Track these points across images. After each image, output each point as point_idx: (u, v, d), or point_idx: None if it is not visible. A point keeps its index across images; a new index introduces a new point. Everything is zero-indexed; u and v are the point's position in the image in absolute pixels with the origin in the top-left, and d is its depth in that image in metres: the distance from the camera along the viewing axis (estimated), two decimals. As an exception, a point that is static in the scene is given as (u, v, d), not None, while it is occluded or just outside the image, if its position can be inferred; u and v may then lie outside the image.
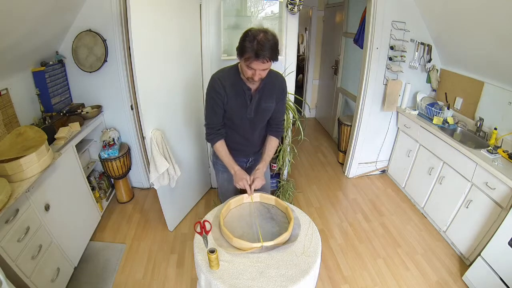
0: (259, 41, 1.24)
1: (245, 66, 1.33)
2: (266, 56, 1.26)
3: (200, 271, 1.21)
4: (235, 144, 1.66)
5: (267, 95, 1.53)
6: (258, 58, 1.26)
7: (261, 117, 1.59)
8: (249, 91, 1.49)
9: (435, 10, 2.47)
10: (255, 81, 1.38)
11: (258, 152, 1.77)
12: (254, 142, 1.71)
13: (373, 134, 3.20)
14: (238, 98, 1.49)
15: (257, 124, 1.61)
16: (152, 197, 2.96)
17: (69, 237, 2.01)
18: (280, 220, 1.42)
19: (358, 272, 2.17)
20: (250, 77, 1.36)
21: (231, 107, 1.51)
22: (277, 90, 1.56)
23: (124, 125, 2.76)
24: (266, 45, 1.24)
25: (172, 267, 2.18)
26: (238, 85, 1.47)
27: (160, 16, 1.97)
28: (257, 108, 1.53)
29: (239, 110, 1.52)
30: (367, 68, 2.86)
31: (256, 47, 1.24)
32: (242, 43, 1.29)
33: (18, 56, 1.98)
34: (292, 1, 2.33)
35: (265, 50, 1.24)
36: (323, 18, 4.63)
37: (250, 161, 1.79)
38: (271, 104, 1.56)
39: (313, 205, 2.92)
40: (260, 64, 1.29)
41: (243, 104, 1.51)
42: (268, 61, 1.29)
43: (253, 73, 1.33)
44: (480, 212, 2.06)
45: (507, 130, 2.19)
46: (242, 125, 1.59)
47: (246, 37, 1.28)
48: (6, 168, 1.53)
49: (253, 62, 1.28)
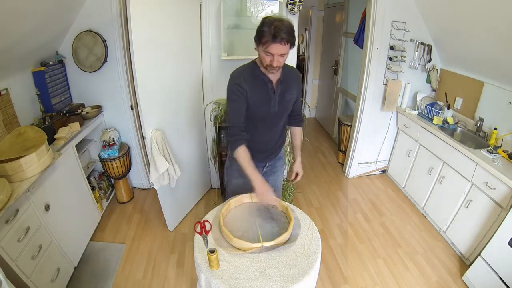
0: (276, 26, 1.26)
1: (263, 52, 1.33)
2: (284, 38, 1.27)
3: (200, 271, 1.21)
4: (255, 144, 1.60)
5: (289, 86, 1.52)
6: (275, 40, 1.26)
7: (284, 111, 1.58)
8: (270, 83, 1.46)
9: (435, 10, 2.47)
10: (274, 68, 1.36)
11: (275, 155, 1.75)
12: (274, 141, 1.68)
13: (373, 134, 3.20)
14: (261, 92, 1.46)
15: (279, 118, 1.58)
16: (152, 197, 2.96)
17: (69, 237, 2.01)
18: (280, 220, 1.42)
19: (358, 272, 2.17)
20: (269, 64, 1.35)
21: (253, 100, 1.46)
22: (296, 81, 1.58)
23: (124, 125, 2.76)
24: (283, 29, 1.26)
25: (172, 267, 2.18)
26: (259, 78, 1.45)
27: (160, 16, 1.97)
28: (281, 100, 1.51)
29: (262, 105, 1.48)
30: (367, 68, 2.86)
31: (273, 31, 1.25)
32: (260, 29, 1.30)
33: (18, 56, 1.98)
34: (292, 1, 2.33)
35: (282, 33, 1.26)
36: (323, 18, 4.63)
37: (266, 166, 1.76)
38: (293, 96, 1.57)
39: (313, 205, 2.92)
40: (278, 46, 1.28)
41: (267, 97, 1.47)
42: (285, 44, 1.29)
43: (272, 59, 1.33)
44: (480, 212, 2.06)
45: (507, 130, 2.19)
46: (264, 123, 1.56)
47: (264, 23, 1.29)
48: (6, 168, 1.53)
49: (271, 45, 1.28)
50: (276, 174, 1.82)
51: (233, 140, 1.49)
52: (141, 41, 1.80)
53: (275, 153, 1.74)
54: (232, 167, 1.70)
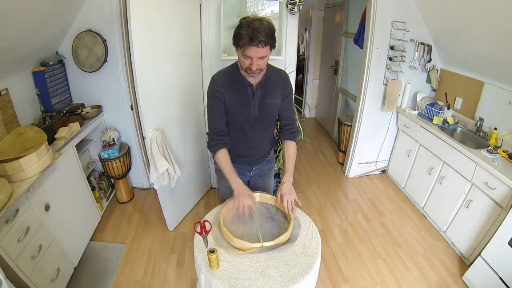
0: (253, 27, 1.19)
1: (242, 56, 1.27)
2: (262, 40, 1.19)
3: (200, 271, 1.21)
4: (238, 149, 1.57)
5: (271, 90, 1.45)
6: (252, 42, 1.19)
7: (266, 116, 1.50)
8: (250, 86, 1.40)
9: (435, 10, 2.47)
10: (253, 71, 1.29)
11: (263, 159, 1.68)
12: (259, 146, 1.61)
13: (373, 134, 3.20)
14: (239, 95, 1.41)
15: (262, 124, 1.52)
16: (152, 197, 2.96)
17: (69, 237, 2.01)
18: (280, 220, 1.42)
19: (358, 272, 2.17)
20: (248, 67, 1.28)
21: (231, 105, 1.43)
22: (281, 85, 1.48)
23: (124, 125, 2.76)
24: (261, 30, 1.19)
25: (172, 267, 2.18)
26: (238, 81, 1.40)
27: (160, 16, 1.97)
28: (262, 104, 1.44)
29: (241, 109, 1.43)
30: (367, 68, 2.86)
31: (250, 33, 1.19)
32: (237, 31, 1.24)
33: (18, 56, 1.98)
34: (292, 1, 2.33)
35: (260, 35, 1.19)
36: (323, 18, 4.63)
37: (253, 169, 1.70)
38: (276, 100, 1.48)
39: (313, 205, 2.92)
40: (255, 49, 1.21)
41: (245, 101, 1.42)
42: (264, 46, 1.22)
43: (251, 62, 1.26)
44: (480, 212, 2.06)
45: (507, 130, 2.19)
46: (245, 127, 1.50)
47: (241, 25, 1.23)
48: (6, 168, 1.53)
49: (248, 48, 1.22)
50: (265, 177, 1.77)
51: (212, 145, 1.48)
52: (141, 41, 1.80)
53: (263, 158, 1.67)
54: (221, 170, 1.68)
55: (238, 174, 1.66)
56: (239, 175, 1.67)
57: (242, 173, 1.69)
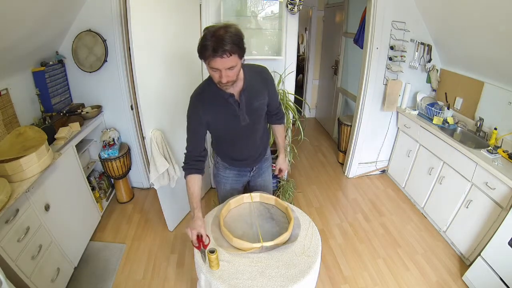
0: (217, 36, 1.09)
1: (209, 69, 1.18)
2: (227, 50, 1.09)
3: (200, 271, 1.21)
4: (234, 155, 1.59)
5: (255, 92, 1.37)
6: (216, 54, 1.09)
7: (257, 118, 1.45)
8: (232, 97, 1.31)
9: (435, 10, 2.47)
10: (224, 84, 1.19)
11: (261, 158, 1.68)
12: (255, 148, 1.60)
13: (373, 134, 3.20)
14: (224, 110, 1.34)
15: (254, 127, 1.47)
16: (152, 197, 2.96)
17: (69, 237, 2.01)
18: (280, 220, 1.42)
19: (358, 272, 2.17)
20: (218, 81, 1.19)
21: (219, 122, 1.36)
22: (263, 83, 1.41)
23: (124, 125, 2.76)
24: (226, 39, 1.09)
25: (172, 267, 2.18)
26: (218, 96, 1.31)
27: (160, 16, 1.97)
28: (250, 110, 1.37)
29: (229, 123, 1.37)
30: (367, 68, 2.86)
31: (214, 43, 1.08)
32: (200, 43, 1.13)
33: (18, 56, 1.98)
34: (292, 1, 2.33)
35: (224, 44, 1.08)
36: (323, 18, 4.63)
37: (254, 169, 1.70)
38: (263, 100, 1.43)
39: (313, 205, 2.92)
40: (221, 60, 1.11)
41: (232, 113, 1.35)
42: (229, 56, 1.11)
43: (220, 74, 1.16)
44: (480, 212, 2.06)
45: (507, 130, 2.19)
46: (238, 137, 1.47)
47: (205, 36, 1.12)
48: (6, 168, 1.53)
49: (213, 60, 1.12)
50: (264, 175, 1.77)
51: (185, 167, 1.42)
52: (141, 41, 1.80)
53: (260, 156, 1.67)
54: (219, 174, 1.69)
55: (239, 176, 1.69)
56: (240, 177, 1.69)
57: (242, 175, 1.70)
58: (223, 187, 1.70)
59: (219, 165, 1.68)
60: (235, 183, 1.70)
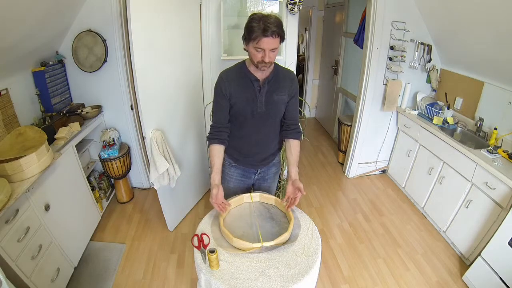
0: (264, 20, 1.25)
1: (254, 49, 1.30)
2: (275, 31, 1.25)
3: (200, 271, 1.21)
4: (242, 148, 1.58)
5: (278, 86, 1.46)
6: (266, 34, 1.24)
7: (273, 112, 1.49)
8: (257, 81, 1.42)
9: (435, 10, 2.47)
10: (266, 64, 1.32)
11: (269, 161, 1.67)
12: (264, 144, 1.59)
13: (373, 134, 3.20)
14: (245, 90, 1.43)
15: (267, 120, 1.50)
16: (152, 197, 2.96)
17: (69, 237, 2.01)
18: (280, 220, 1.42)
19: (358, 272, 2.17)
20: (260, 60, 1.32)
21: (237, 100, 1.43)
22: (288, 82, 1.50)
23: (124, 125, 2.76)
24: (272, 22, 1.25)
25: (172, 267, 2.18)
26: (245, 76, 1.42)
27: (160, 16, 1.97)
28: (268, 100, 1.45)
29: (247, 104, 1.44)
30: (367, 68, 2.86)
31: (263, 25, 1.24)
32: (249, 25, 1.28)
33: (18, 56, 1.98)
34: (292, 1, 2.33)
35: (272, 26, 1.24)
36: (323, 18, 4.63)
37: (259, 172, 1.69)
38: (284, 97, 1.48)
39: (313, 205, 2.92)
40: (269, 40, 1.26)
41: (251, 96, 1.43)
42: (276, 37, 1.27)
43: (263, 54, 1.30)
44: (480, 212, 2.06)
45: (507, 130, 2.19)
46: (251, 123, 1.49)
47: (252, 19, 1.28)
48: (6, 168, 1.53)
49: (262, 40, 1.26)
50: (268, 182, 1.75)
51: (208, 138, 1.53)
52: (141, 41, 1.80)
53: (268, 160, 1.66)
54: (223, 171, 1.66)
55: (243, 177, 1.68)
56: (244, 177, 1.69)
57: (247, 176, 1.69)
58: (226, 185, 1.69)
59: (224, 162, 1.66)
60: (239, 183, 1.69)
